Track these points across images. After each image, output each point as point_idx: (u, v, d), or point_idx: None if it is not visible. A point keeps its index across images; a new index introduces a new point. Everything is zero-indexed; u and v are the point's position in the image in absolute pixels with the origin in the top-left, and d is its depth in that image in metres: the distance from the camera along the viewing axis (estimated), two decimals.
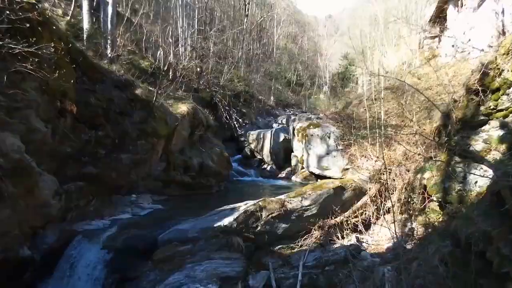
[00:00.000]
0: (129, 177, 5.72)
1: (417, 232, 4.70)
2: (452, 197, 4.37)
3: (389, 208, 5.41)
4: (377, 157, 6.94)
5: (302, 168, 9.61)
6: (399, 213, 5.25)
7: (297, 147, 9.55)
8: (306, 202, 4.76)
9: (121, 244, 4.11)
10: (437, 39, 16.01)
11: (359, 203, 5.24)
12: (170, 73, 11.34)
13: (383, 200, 5.43)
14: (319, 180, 8.97)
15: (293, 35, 39.60)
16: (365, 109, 11.00)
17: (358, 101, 13.09)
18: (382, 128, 7.38)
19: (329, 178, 8.59)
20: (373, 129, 7.90)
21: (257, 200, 4.60)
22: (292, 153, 10.27)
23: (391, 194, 5.49)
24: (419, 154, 6.19)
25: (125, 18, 8.84)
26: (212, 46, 14.93)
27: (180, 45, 14.81)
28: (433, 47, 15.74)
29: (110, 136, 5.27)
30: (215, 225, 4.22)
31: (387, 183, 5.58)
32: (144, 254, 4.04)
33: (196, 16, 15.46)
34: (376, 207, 5.44)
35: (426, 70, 12.84)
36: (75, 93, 4.80)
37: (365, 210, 5.37)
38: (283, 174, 10.41)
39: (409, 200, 5.23)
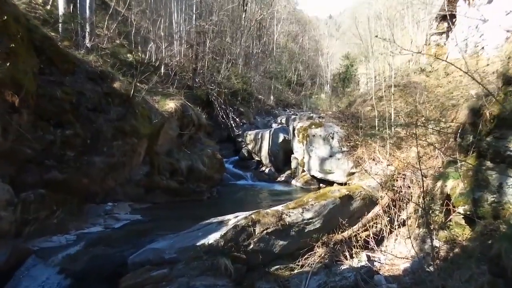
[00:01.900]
0: (104, 183, 4.98)
1: (439, 251, 3.96)
2: (485, 211, 3.63)
3: (404, 220, 4.66)
4: (388, 160, 6.20)
5: (303, 171, 8.87)
6: (416, 227, 4.51)
7: (298, 148, 8.81)
8: (308, 215, 4.02)
9: (83, 266, 3.38)
10: (444, 35, 15.29)
11: (370, 215, 4.50)
12: (162, 69, 10.64)
13: (397, 211, 4.68)
14: (321, 184, 8.25)
15: (293, 34, 38.90)
16: (373, 107, 10.29)
17: (363, 99, 12.36)
18: (393, 127, 6.63)
19: (333, 182, 7.86)
20: (382, 129, 7.17)
21: (250, 213, 3.86)
22: (292, 155, 9.53)
23: (406, 203, 4.74)
24: (436, 157, 5.46)
25: (111, 8, 8.10)
26: (209, 41, 14.21)
27: (174, 40, 14.14)
28: (441, 43, 15.00)
29: (80, 135, 4.53)
30: (198, 244, 3.48)
31: (402, 191, 4.84)
32: (110, 279, 3.31)
33: (194, 11, 14.74)
34: (389, 218, 4.69)
35: (435, 67, 12.13)
36: (36, 85, 4.07)
37: (377, 222, 4.62)
38: (282, 177, 9.68)
39: (428, 211, 4.49)
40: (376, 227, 4.57)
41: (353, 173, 6.80)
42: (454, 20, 14.47)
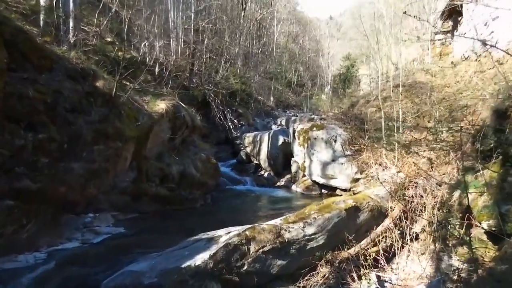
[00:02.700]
0: (85, 191, 4.51)
1: (459, 271, 3.48)
2: None
3: (417, 234, 4.19)
4: (395, 165, 5.72)
5: (304, 175, 8.39)
6: (431, 241, 4.03)
7: (298, 151, 8.34)
8: (310, 230, 3.54)
9: None
10: (449, 34, 14.83)
11: (379, 229, 4.02)
12: (156, 68, 10.19)
13: (409, 224, 4.20)
14: (323, 190, 7.78)
15: (294, 35, 38.52)
16: (378, 108, 9.82)
17: (366, 100, 11.89)
18: (401, 130, 6.16)
19: (335, 188, 7.39)
20: (389, 132, 6.69)
21: (243, 228, 3.38)
22: (292, 158, 9.07)
23: (419, 215, 4.27)
24: (449, 163, 4.98)
25: (101, 3, 7.65)
26: (206, 40, 13.76)
27: (171, 38, 13.70)
28: (446, 42, 14.54)
29: (56, 139, 4.07)
30: (183, 265, 3.00)
31: (414, 201, 4.36)
32: None
33: (192, 10, 14.31)
34: (400, 231, 4.22)
35: (441, 67, 11.65)
36: (3, 82, 3.61)
37: (386, 236, 4.14)
38: (282, 181, 9.21)
39: (444, 224, 4.01)
40: (385, 241, 4.09)
41: (358, 179, 6.33)
42: (459, 18, 14.03)
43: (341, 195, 7.27)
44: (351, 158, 7.15)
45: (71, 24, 5.63)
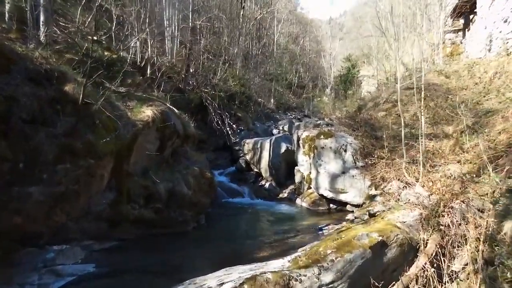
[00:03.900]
0: (50, 220, 3.71)
1: None
2: None
3: (457, 274, 3.38)
4: (420, 181, 4.91)
5: (309, 188, 7.58)
6: (476, 284, 3.23)
7: (303, 161, 7.53)
8: (327, 277, 2.74)
9: None
10: (460, 33, 14.05)
11: (412, 270, 3.21)
12: (148, 69, 9.41)
13: (446, 260, 3.40)
14: (331, 205, 6.97)
15: (294, 36, 37.81)
16: (389, 112, 9.03)
17: (374, 103, 11.10)
18: (422, 138, 5.35)
19: (345, 203, 6.60)
20: (407, 140, 5.90)
21: (241, 280, 2.56)
22: (296, 167, 8.27)
23: (459, 249, 3.47)
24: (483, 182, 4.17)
25: None
26: (204, 40, 12.98)
27: (166, 38, 12.93)
28: (457, 41, 13.77)
29: (9, 158, 3.27)
30: None
31: (451, 232, 3.56)
32: None
33: (190, 8, 13.53)
34: (434, 268, 3.41)
35: (455, 67, 10.87)
36: None
37: (418, 275, 3.34)
38: (284, 193, 8.40)
39: (492, 262, 3.22)
40: (418, 284, 3.28)
41: (373, 196, 5.52)
42: (472, 16, 13.25)
43: (352, 211, 6.49)
44: (364, 170, 6.35)
45: (41, 18, 4.85)
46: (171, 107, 6.88)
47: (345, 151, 6.59)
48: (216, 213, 6.30)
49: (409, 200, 4.39)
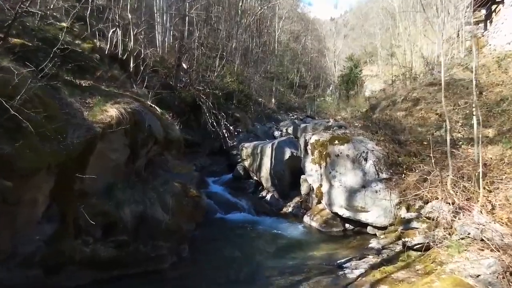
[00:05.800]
0: None
1: None
2: None
3: None
4: (468, 201, 3.64)
5: (319, 202, 6.33)
6: None
7: (312, 171, 6.27)
8: None
9: None
10: (481, 24, 12.81)
11: None
12: (131, 62, 8.16)
13: None
14: (347, 225, 5.72)
15: (295, 34, 36.59)
16: (409, 112, 7.77)
17: (389, 101, 9.84)
18: (480, 144, 4.07)
19: (366, 224, 5.34)
20: (442, 145, 4.62)
21: None
22: (302, 176, 7.02)
23: None
24: None
25: None
26: (198, 32, 11.74)
27: (156, 31, 11.70)
28: (477, 34, 12.49)
29: None
30: None
31: None
32: None
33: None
34: None
35: (482, 61, 9.60)
36: None
37: None
38: (289, 207, 7.14)
39: None
40: None
41: (408, 221, 4.23)
42: (495, 7, 12.00)
43: (374, 234, 5.23)
44: (390, 183, 5.09)
45: None
46: (152, 105, 5.63)
47: (366, 160, 5.32)
48: (204, 237, 5.03)
49: (469, 234, 3.12)
